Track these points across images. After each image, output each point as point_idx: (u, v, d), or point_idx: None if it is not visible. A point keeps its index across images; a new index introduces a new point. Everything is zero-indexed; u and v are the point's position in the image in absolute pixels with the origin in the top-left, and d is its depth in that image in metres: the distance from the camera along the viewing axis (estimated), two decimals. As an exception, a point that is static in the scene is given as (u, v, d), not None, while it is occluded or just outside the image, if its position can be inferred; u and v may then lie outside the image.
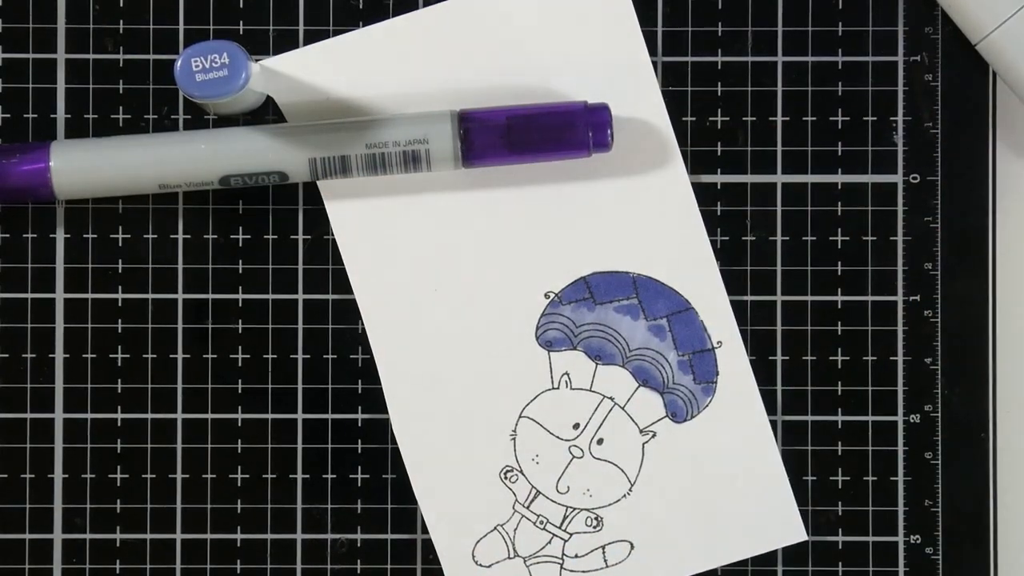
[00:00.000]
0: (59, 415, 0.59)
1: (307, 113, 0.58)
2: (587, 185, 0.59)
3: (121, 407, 0.59)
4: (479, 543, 0.59)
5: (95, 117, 0.59)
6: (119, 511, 0.59)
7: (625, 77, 0.59)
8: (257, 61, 0.56)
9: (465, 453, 0.59)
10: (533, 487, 0.59)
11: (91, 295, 0.59)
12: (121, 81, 0.59)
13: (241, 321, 0.59)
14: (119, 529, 0.59)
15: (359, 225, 0.59)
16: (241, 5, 0.59)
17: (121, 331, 0.59)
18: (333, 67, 0.58)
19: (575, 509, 0.59)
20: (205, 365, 0.59)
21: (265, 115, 0.59)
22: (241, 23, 0.59)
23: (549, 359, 0.59)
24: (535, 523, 0.59)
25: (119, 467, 0.59)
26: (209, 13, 0.59)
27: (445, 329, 0.59)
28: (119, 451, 0.59)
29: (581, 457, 0.59)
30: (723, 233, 0.59)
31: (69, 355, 0.59)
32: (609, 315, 0.59)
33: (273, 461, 0.59)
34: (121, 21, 0.59)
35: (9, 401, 0.59)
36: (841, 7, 0.59)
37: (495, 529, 0.59)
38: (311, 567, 0.59)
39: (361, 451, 0.59)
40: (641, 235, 0.59)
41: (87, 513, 0.59)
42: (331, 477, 0.59)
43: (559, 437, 0.59)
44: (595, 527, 0.59)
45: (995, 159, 0.59)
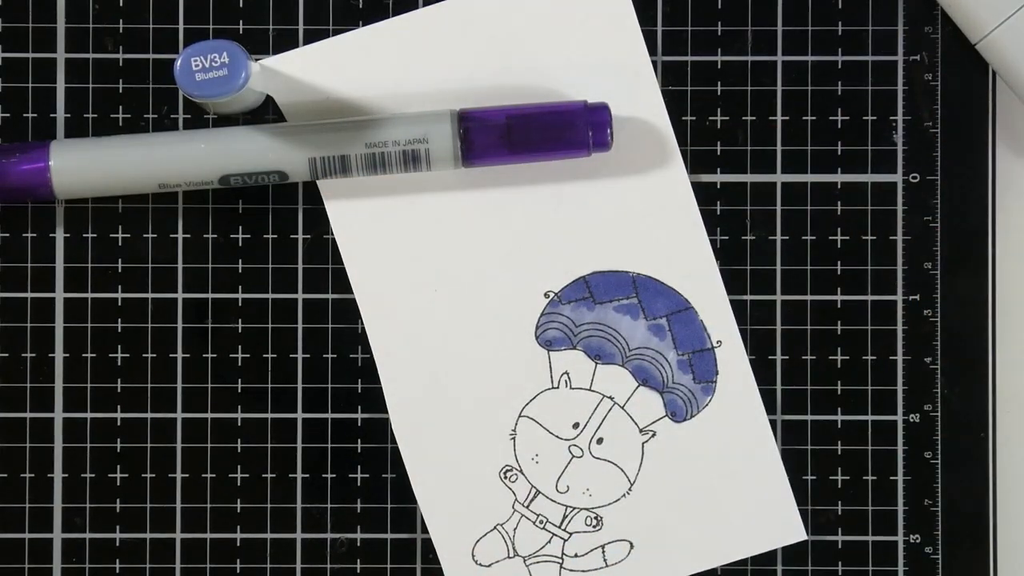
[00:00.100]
0: (59, 415, 0.59)
1: (307, 113, 0.58)
2: (587, 185, 0.59)
3: (121, 407, 0.59)
4: (479, 542, 0.59)
5: (95, 117, 0.59)
6: (119, 511, 0.59)
7: (625, 77, 0.59)
8: (257, 61, 0.56)
9: (465, 453, 0.59)
10: (533, 486, 0.59)
11: (91, 295, 0.59)
12: (121, 81, 0.59)
13: (241, 321, 0.59)
14: (119, 529, 0.59)
15: (359, 225, 0.59)
16: (241, 5, 0.59)
17: (121, 331, 0.59)
18: (333, 67, 0.58)
19: (575, 508, 0.59)
20: (205, 365, 0.59)
21: (265, 115, 0.59)
22: (241, 23, 0.59)
23: (549, 359, 0.59)
24: (535, 522, 0.59)
25: (119, 467, 0.59)
26: (209, 13, 0.59)
27: (445, 329, 0.59)
28: (119, 451, 0.59)
29: (581, 456, 0.59)
30: (723, 233, 0.59)
31: (69, 355, 0.59)
32: (609, 315, 0.59)
33: (273, 461, 0.59)
34: (121, 21, 0.59)
35: (9, 401, 0.59)
36: (841, 7, 0.59)
37: (495, 528, 0.59)
38: (311, 567, 0.59)
39: (361, 451, 0.59)
40: (641, 235, 0.59)
41: (87, 513, 0.59)
42: (331, 477, 0.59)
43: (559, 436, 0.59)
44: (595, 526, 0.59)
45: (995, 159, 0.59)
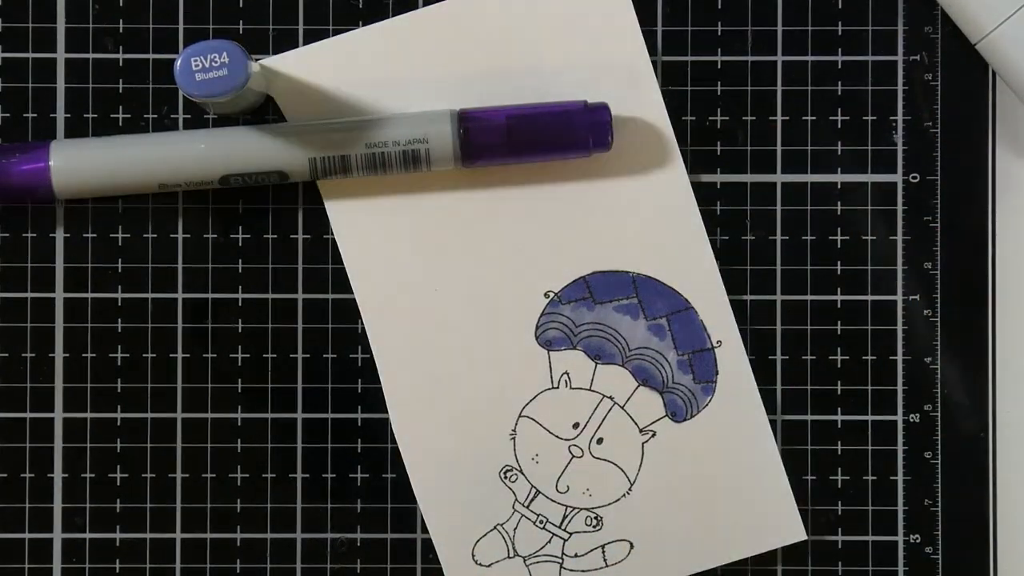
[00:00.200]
0: (59, 415, 0.59)
1: (307, 113, 0.58)
2: (587, 185, 0.59)
3: (121, 407, 0.59)
4: (479, 542, 0.59)
5: (95, 117, 0.59)
6: (119, 511, 0.59)
7: (625, 77, 0.59)
8: (257, 61, 0.56)
9: (465, 453, 0.59)
10: (533, 486, 0.59)
11: (91, 295, 0.59)
12: (121, 81, 0.59)
13: (241, 321, 0.59)
14: (119, 529, 0.59)
15: (359, 225, 0.59)
16: (241, 5, 0.59)
17: (121, 331, 0.59)
18: (333, 67, 0.58)
19: (575, 508, 0.59)
20: (205, 365, 0.59)
21: (265, 115, 0.59)
22: (241, 23, 0.59)
23: (549, 358, 0.59)
24: (535, 522, 0.59)
25: (119, 467, 0.59)
26: (209, 13, 0.59)
27: (445, 329, 0.59)
28: (119, 451, 0.59)
29: (581, 456, 0.59)
30: (723, 233, 0.59)
31: (69, 355, 0.59)
32: (609, 315, 0.59)
33: (273, 461, 0.59)
34: (121, 21, 0.59)
35: (9, 401, 0.59)
36: (841, 7, 0.59)
37: (495, 528, 0.59)
38: (311, 567, 0.59)
39: (361, 451, 0.59)
40: (641, 235, 0.59)
41: (87, 513, 0.59)
42: (331, 477, 0.59)
43: (559, 436, 0.59)
44: (595, 526, 0.59)
45: (995, 159, 0.59)
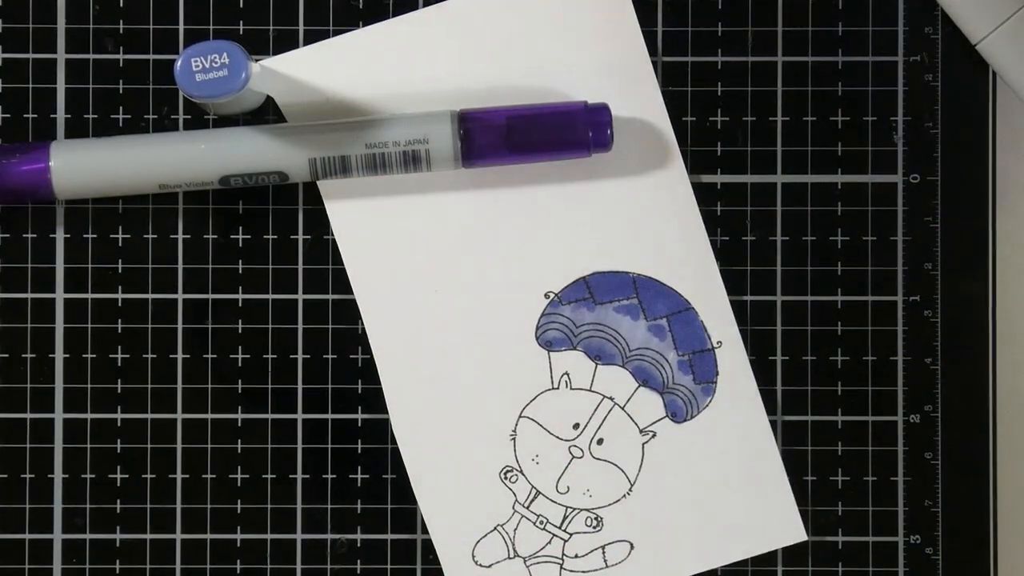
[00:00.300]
0: (59, 415, 0.59)
1: (307, 113, 0.58)
2: (587, 185, 0.59)
3: (121, 407, 0.59)
4: (479, 543, 0.59)
5: (95, 117, 0.59)
6: (119, 511, 0.59)
7: (625, 77, 0.59)
8: (257, 61, 0.56)
9: (465, 453, 0.59)
10: (533, 487, 0.59)
11: (91, 295, 0.59)
12: (121, 81, 0.59)
13: (241, 321, 0.59)
14: (119, 529, 0.59)
15: (359, 225, 0.59)
16: (241, 5, 0.59)
17: (121, 331, 0.59)
18: (333, 67, 0.58)
19: (575, 509, 0.59)
20: (205, 365, 0.59)
21: (265, 115, 0.59)
22: (241, 23, 0.59)
23: (549, 359, 0.59)
24: (535, 523, 0.59)
25: (119, 467, 0.59)
26: (209, 13, 0.59)
27: (445, 329, 0.59)
28: (119, 451, 0.59)
29: (581, 457, 0.59)
30: (723, 233, 0.59)
31: (69, 355, 0.59)
32: (609, 315, 0.59)
33: (273, 461, 0.59)
34: (121, 21, 0.59)
35: (9, 401, 0.59)
36: (841, 7, 0.59)
37: (495, 529, 0.59)
38: (311, 567, 0.59)
39: (361, 451, 0.59)
40: (641, 235, 0.59)
41: (87, 513, 0.59)
42: (331, 477, 0.59)
43: (559, 437, 0.59)
44: (595, 527, 0.59)
45: (995, 159, 0.59)
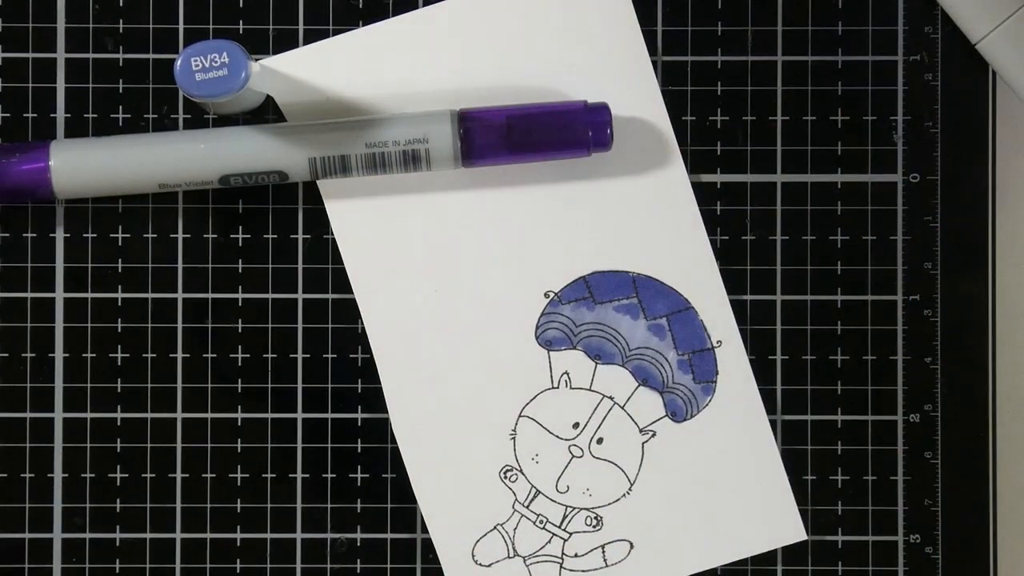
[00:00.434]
0: (59, 415, 0.59)
1: (307, 113, 0.58)
2: (587, 185, 0.59)
3: (121, 407, 0.59)
4: (479, 542, 0.59)
5: (95, 117, 0.59)
6: (119, 511, 0.59)
7: (625, 77, 0.59)
8: (257, 61, 0.56)
9: (465, 453, 0.59)
10: (533, 486, 0.59)
11: (91, 295, 0.59)
12: (121, 81, 0.59)
13: (241, 321, 0.59)
14: (119, 529, 0.59)
15: (359, 225, 0.59)
16: (241, 5, 0.59)
17: (121, 331, 0.59)
18: (333, 67, 0.58)
19: (575, 508, 0.59)
20: (205, 365, 0.59)
21: (265, 115, 0.59)
22: (241, 23, 0.59)
23: (549, 358, 0.59)
24: (535, 522, 0.59)
25: (119, 467, 0.59)
26: (209, 13, 0.59)
27: (445, 329, 0.59)
28: (119, 451, 0.59)
29: (581, 456, 0.59)
30: (723, 233, 0.59)
31: (69, 355, 0.59)
32: (609, 314, 0.59)
33: (273, 461, 0.59)
34: (121, 21, 0.59)
35: (9, 401, 0.59)
36: (841, 7, 0.59)
37: (495, 528, 0.59)
38: (311, 567, 0.59)
39: (361, 451, 0.59)
40: (641, 235, 0.59)
41: (87, 513, 0.59)
42: (331, 477, 0.59)
43: (559, 436, 0.59)
44: (595, 526, 0.59)
45: (995, 159, 0.59)
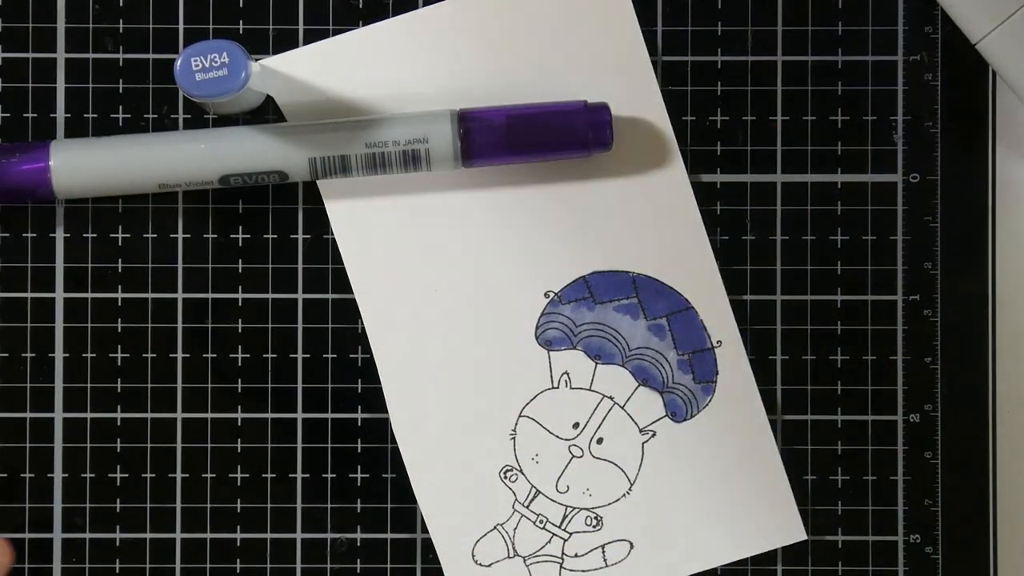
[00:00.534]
0: (59, 415, 0.59)
1: (307, 113, 0.58)
2: (587, 185, 0.59)
3: (121, 407, 0.59)
4: (479, 542, 0.59)
5: (95, 117, 0.59)
6: (119, 511, 0.59)
7: (625, 77, 0.59)
8: (257, 61, 0.56)
9: (465, 453, 0.59)
10: (533, 486, 0.59)
11: (91, 295, 0.59)
12: (121, 81, 0.59)
13: (241, 321, 0.59)
14: (119, 529, 0.59)
15: (359, 225, 0.59)
16: (241, 5, 0.59)
17: (121, 331, 0.59)
18: (333, 67, 0.58)
19: (575, 508, 0.59)
20: (205, 365, 0.59)
21: (265, 115, 0.59)
22: (241, 23, 0.59)
23: (549, 358, 0.59)
24: (535, 522, 0.59)
25: (119, 467, 0.59)
26: (209, 13, 0.59)
27: (445, 329, 0.59)
28: (119, 451, 0.59)
29: (581, 456, 0.59)
30: (723, 233, 0.59)
31: (69, 355, 0.59)
32: (609, 315, 0.59)
33: (273, 461, 0.59)
34: (121, 21, 0.59)
35: (9, 401, 0.59)
36: (841, 7, 0.59)
37: (495, 528, 0.59)
38: (311, 567, 0.59)
39: (361, 451, 0.59)
40: (641, 235, 0.59)
41: (87, 513, 0.59)
42: (331, 477, 0.59)
43: (559, 436, 0.59)
44: (595, 526, 0.59)
45: (995, 159, 0.59)
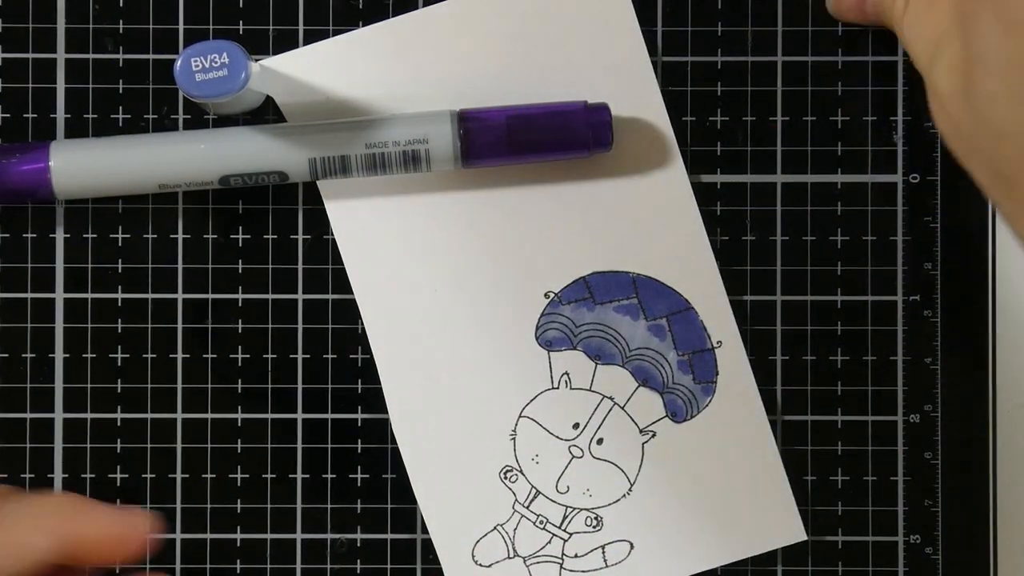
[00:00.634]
0: (59, 415, 0.59)
1: (307, 113, 0.58)
2: (587, 185, 0.59)
3: (121, 407, 0.59)
4: (479, 543, 0.59)
5: (95, 117, 0.59)
6: (119, 511, 0.59)
7: (625, 77, 0.59)
8: (257, 61, 0.56)
9: (465, 453, 0.59)
10: (533, 487, 0.59)
11: (91, 295, 0.59)
12: (121, 81, 0.59)
13: (241, 321, 0.59)
14: (119, 529, 0.59)
15: (359, 225, 0.59)
16: (241, 5, 0.59)
17: (121, 331, 0.59)
18: (333, 67, 0.58)
19: (575, 509, 0.59)
20: (205, 365, 0.59)
21: (265, 115, 0.59)
22: (241, 23, 0.59)
23: (549, 359, 0.59)
24: (535, 523, 0.59)
25: (119, 467, 0.59)
26: (209, 13, 0.59)
27: (445, 329, 0.59)
28: (119, 451, 0.59)
29: (581, 457, 0.59)
30: (723, 233, 0.59)
31: (69, 355, 0.59)
32: (609, 315, 0.59)
33: (273, 461, 0.59)
34: (121, 21, 0.59)
35: (9, 401, 0.59)
36: (841, 7, 0.59)
37: (495, 529, 0.59)
38: (311, 567, 0.59)
39: (361, 451, 0.59)
40: (641, 235, 0.59)
41: (87, 513, 0.59)
42: (331, 477, 0.59)
43: (559, 437, 0.59)
44: (595, 527, 0.59)
45: (995, 159, 0.59)
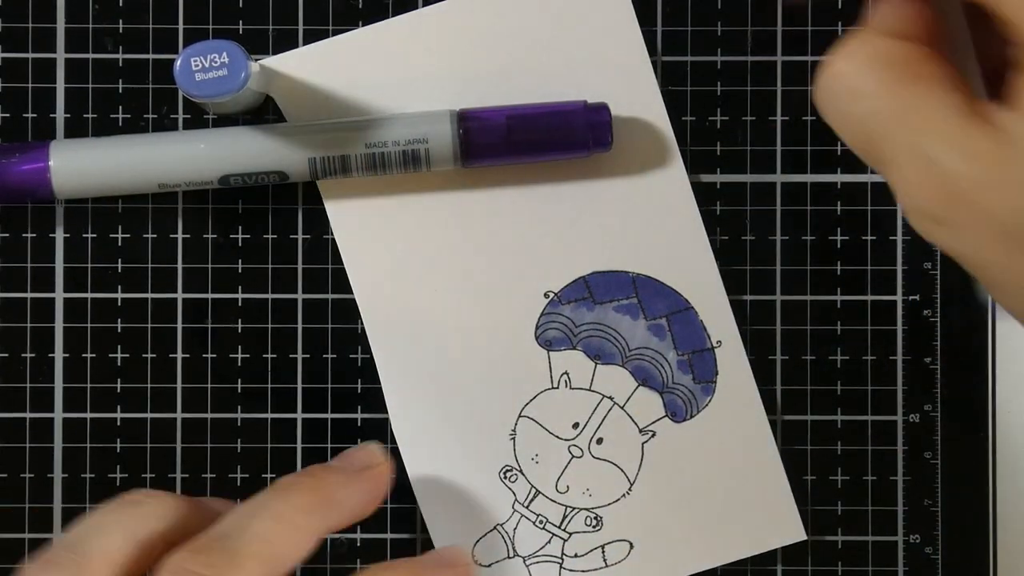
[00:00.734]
0: (59, 415, 0.59)
1: (307, 113, 0.58)
2: (587, 185, 0.59)
3: (121, 407, 0.59)
4: (479, 542, 0.59)
5: (95, 117, 0.59)
6: (119, 511, 0.59)
7: (625, 77, 0.59)
8: (257, 61, 0.56)
9: (465, 453, 0.59)
10: (532, 487, 0.59)
11: (91, 295, 0.59)
12: (121, 81, 0.59)
13: (241, 321, 0.59)
14: (119, 529, 0.59)
15: (359, 225, 0.59)
16: (241, 5, 0.59)
17: (121, 331, 0.59)
18: (333, 67, 0.58)
19: (574, 509, 0.59)
20: (205, 365, 0.59)
21: (265, 115, 0.59)
22: (241, 23, 0.59)
23: (548, 359, 0.59)
24: (534, 523, 0.59)
25: (119, 467, 0.59)
26: (209, 13, 0.59)
27: (445, 329, 0.59)
28: (119, 451, 0.59)
29: (580, 457, 0.59)
30: (723, 233, 0.59)
31: (69, 355, 0.59)
32: (609, 315, 0.59)
33: (273, 461, 0.59)
34: (121, 21, 0.59)
35: (9, 401, 0.59)
36: (841, 7, 0.59)
37: (494, 529, 0.59)
38: (311, 567, 0.59)
39: (361, 451, 0.59)
40: (641, 235, 0.59)
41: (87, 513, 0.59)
42: (331, 477, 0.59)
43: (559, 437, 0.59)
44: (594, 527, 0.59)
45: (995, 159, 0.59)
